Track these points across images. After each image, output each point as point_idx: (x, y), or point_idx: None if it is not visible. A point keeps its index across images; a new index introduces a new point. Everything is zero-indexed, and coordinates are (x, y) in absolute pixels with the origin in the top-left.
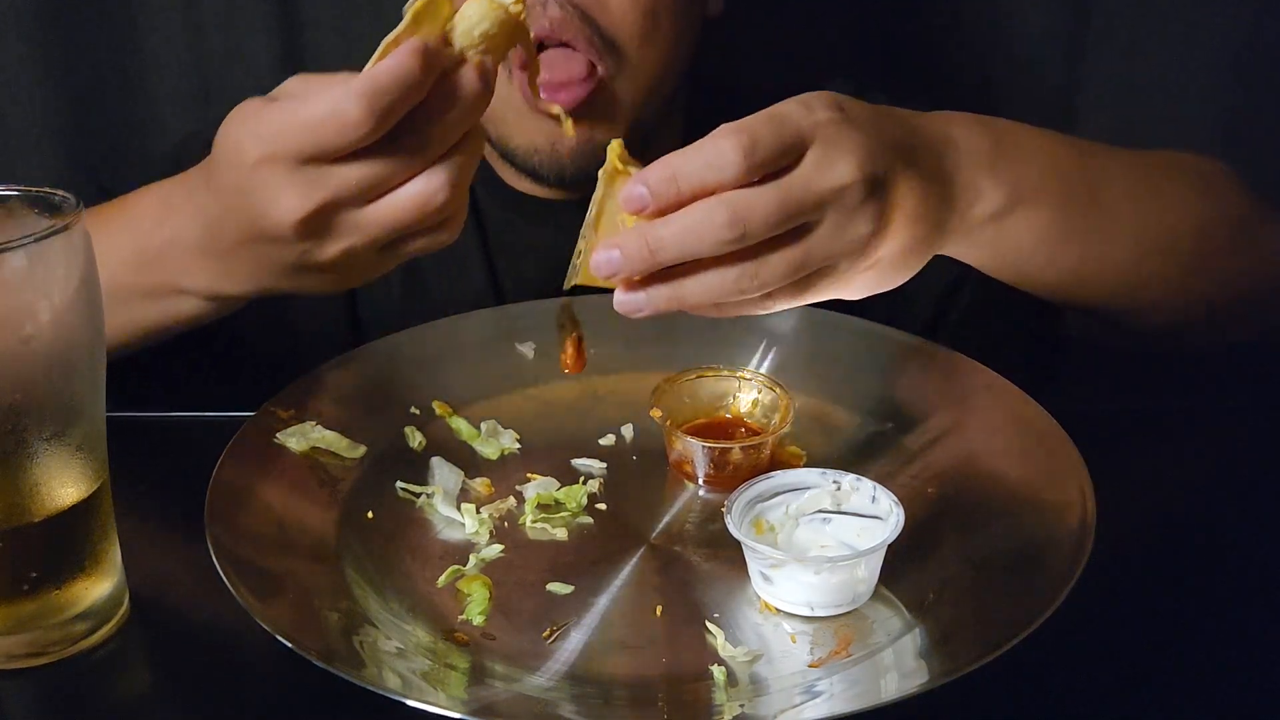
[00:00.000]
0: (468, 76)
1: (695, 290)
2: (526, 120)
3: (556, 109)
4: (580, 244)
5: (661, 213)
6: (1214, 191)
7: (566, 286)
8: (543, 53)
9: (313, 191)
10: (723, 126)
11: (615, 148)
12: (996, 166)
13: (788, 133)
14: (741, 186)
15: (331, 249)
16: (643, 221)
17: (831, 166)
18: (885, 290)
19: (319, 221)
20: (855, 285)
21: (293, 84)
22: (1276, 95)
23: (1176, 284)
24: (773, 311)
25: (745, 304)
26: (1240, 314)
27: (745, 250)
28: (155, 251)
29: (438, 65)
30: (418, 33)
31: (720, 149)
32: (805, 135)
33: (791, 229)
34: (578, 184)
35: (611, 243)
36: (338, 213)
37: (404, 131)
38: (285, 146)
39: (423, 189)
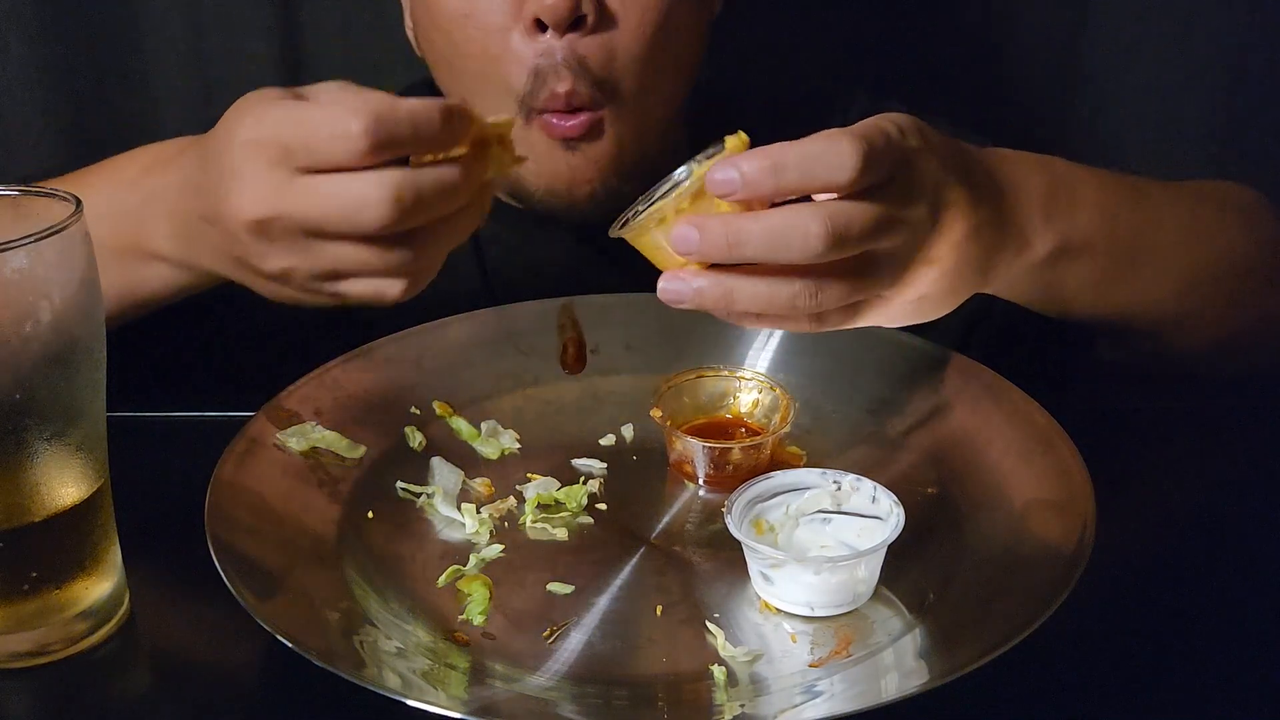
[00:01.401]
0: (458, 172)
1: (747, 295)
2: (540, 164)
3: None
4: (656, 197)
5: (749, 206)
6: (1254, 222)
7: (612, 233)
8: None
9: (278, 197)
10: (834, 130)
11: (742, 137)
12: (1050, 214)
13: (897, 154)
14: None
15: (275, 261)
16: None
17: (918, 197)
18: (920, 322)
19: (270, 227)
20: (896, 314)
21: (326, 87)
22: (1274, 99)
23: (1218, 315)
24: (814, 331)
25: (789, 321)
26: (1274, 341)
27: (809, 267)
28: (134, 207)
29: (459, 129)
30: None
31: (841, 151)
32: (903, 160)
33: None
34: (595, 224)
35: (694, 221)
36: (290, 229)
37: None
38: (275, 136)
39: (358, 190)
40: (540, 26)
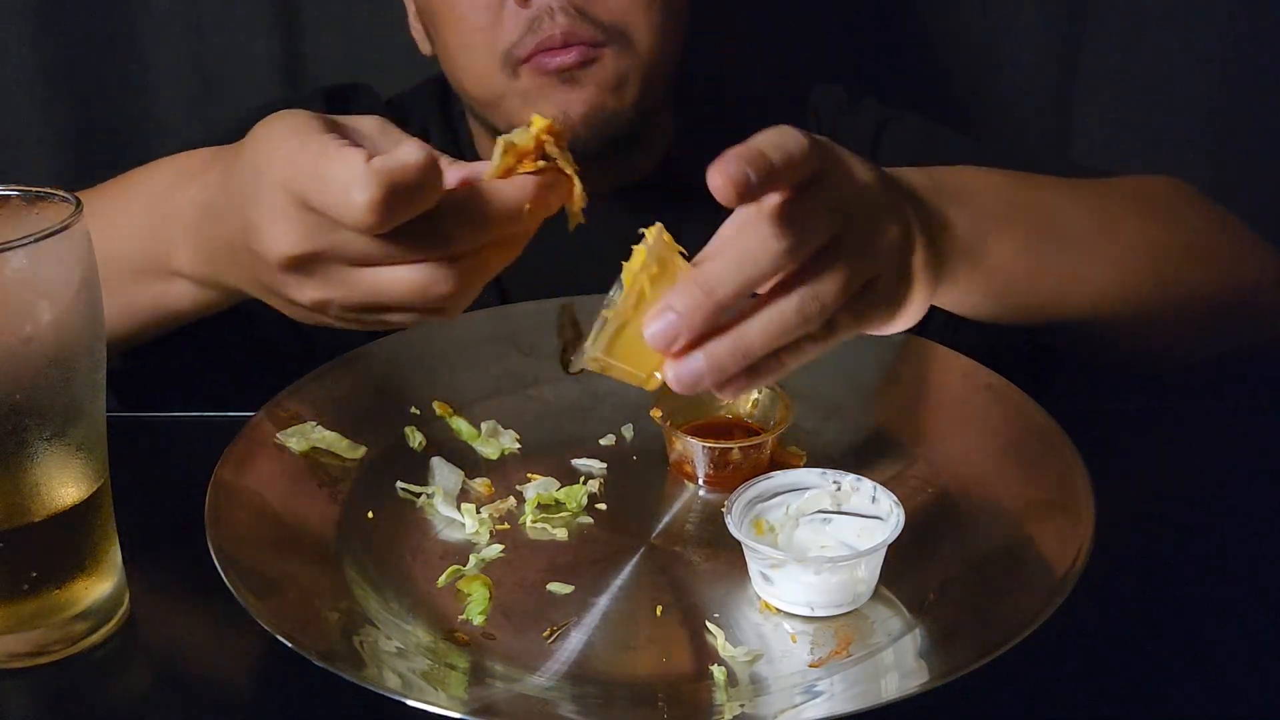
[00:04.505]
0: (502, 189)
1: (759, 329)
2: (534, 105)
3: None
4: (605, 313)
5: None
6: (1170, 213)
7: (574, 369)
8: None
9: (311, 237)
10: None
11: (657, 231)
12: (950, 202)
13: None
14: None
15: (310, 293)
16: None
17: (868, 221)
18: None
19: (307, 264)
20: (891, 311)
21: (364, 123)
22: (1269, 102)
23: (1155, 303)
24: (836, 343)
25: (809, 342)
26: (1218, 327)
27: (795, 280)
28: (157, 224)
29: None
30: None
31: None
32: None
33: (827, 247)
34: (591, 155)
35: (663, 305)
36: (329, 264)
37: (421, 223)
38: (300, 188)
39: (424, 277)
40: None
